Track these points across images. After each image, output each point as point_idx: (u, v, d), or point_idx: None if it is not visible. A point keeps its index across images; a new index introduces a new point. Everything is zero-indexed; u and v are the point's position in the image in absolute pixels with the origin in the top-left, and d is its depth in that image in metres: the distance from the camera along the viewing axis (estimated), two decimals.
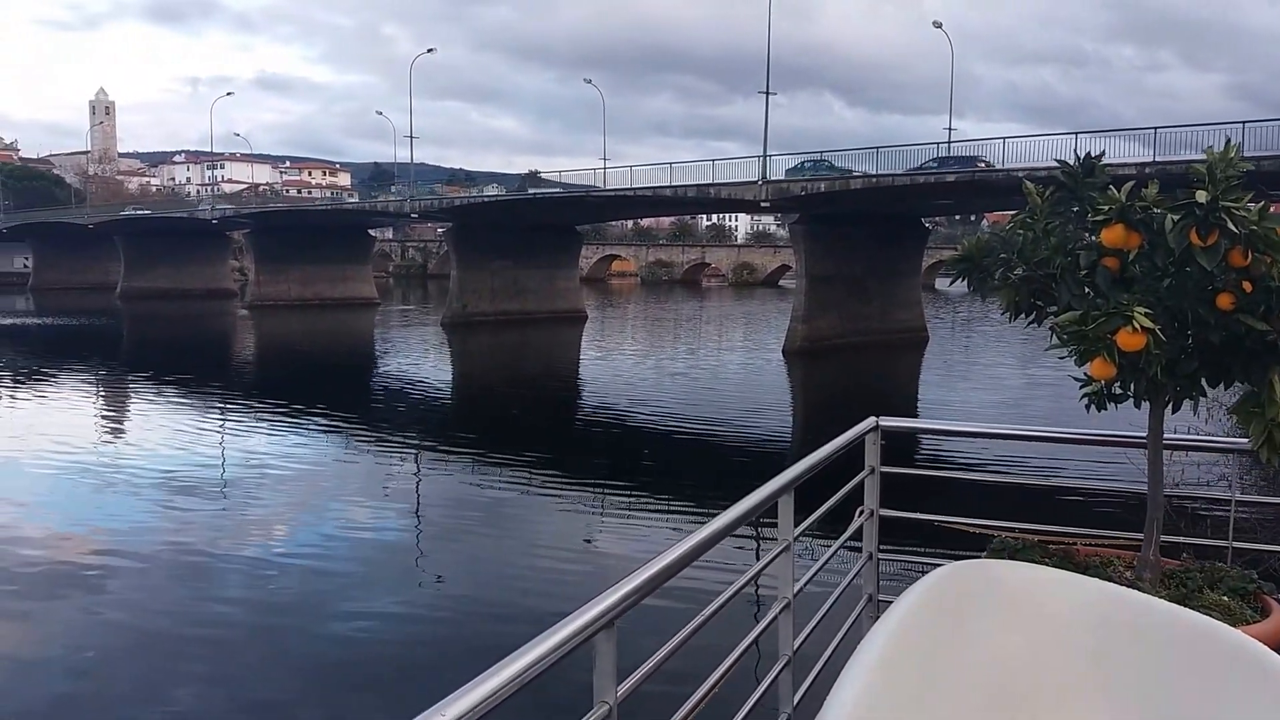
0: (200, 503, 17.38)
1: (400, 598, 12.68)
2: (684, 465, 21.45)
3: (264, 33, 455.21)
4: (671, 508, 17.42)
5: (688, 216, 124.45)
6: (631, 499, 17.86)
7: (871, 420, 4.36)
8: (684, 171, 46.70)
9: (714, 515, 2.74)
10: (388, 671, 10.49)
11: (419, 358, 43.73)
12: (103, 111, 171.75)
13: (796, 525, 3.39)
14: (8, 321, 63.55)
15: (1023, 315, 4.00)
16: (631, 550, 14.61)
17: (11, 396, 31.41)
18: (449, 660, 10.74)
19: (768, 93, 45.57)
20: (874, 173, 39.25)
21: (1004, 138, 35.38)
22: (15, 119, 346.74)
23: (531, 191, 62.42)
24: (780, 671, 3.32)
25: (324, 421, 26.34)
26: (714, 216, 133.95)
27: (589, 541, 15.53)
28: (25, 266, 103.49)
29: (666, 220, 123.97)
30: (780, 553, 3.35)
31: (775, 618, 3.33)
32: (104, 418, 28.45)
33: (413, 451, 22.86)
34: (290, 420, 26.16)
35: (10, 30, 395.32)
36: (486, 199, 59.95)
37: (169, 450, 21.89)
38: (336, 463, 21.58)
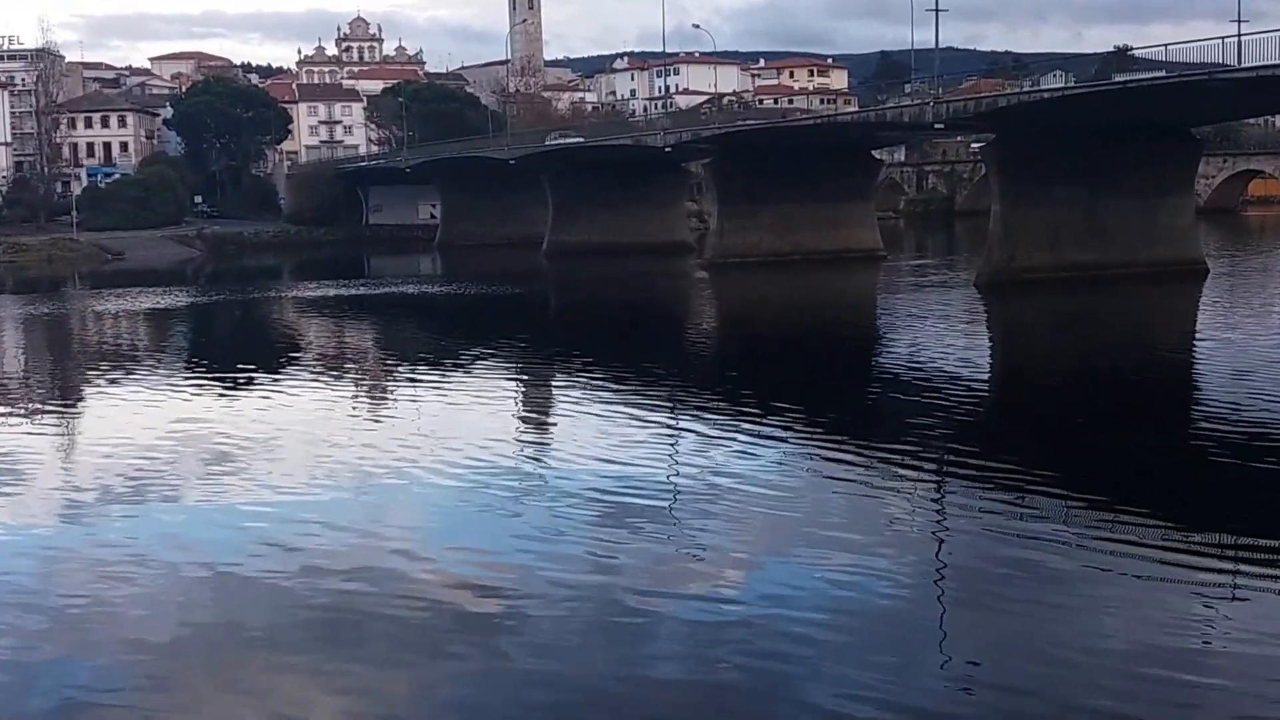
0: (637, 528, 18.90)
1: (912, 693, 12.87)
2: None
3: None
4: None
5: None
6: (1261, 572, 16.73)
7: None
8: None
9: None
10: None
11: (938, 339, 43.71)
12: (525, 7, 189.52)
13: None
14: (413, 290, 72.96)
15: None
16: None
17: (415, 387, 35.98)
18: None
19: None
20: None
21: None
22: (417, 22, 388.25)
23: (1117, 79, 60.02)
24: None
25: (802, 428, 27.34)
26: None
27: (1181, 628, 14.73)
28: (432, 216, 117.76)
29: None
30: None
31: None
32: (525, 416, 31.85)
33: (926, 477, 22.96)
34: (757, 424, 27.42)
35: None
36: (1045, 94, 58.58)
37: (601, 458, 24.02)
38: (815, 484, 22.28)
